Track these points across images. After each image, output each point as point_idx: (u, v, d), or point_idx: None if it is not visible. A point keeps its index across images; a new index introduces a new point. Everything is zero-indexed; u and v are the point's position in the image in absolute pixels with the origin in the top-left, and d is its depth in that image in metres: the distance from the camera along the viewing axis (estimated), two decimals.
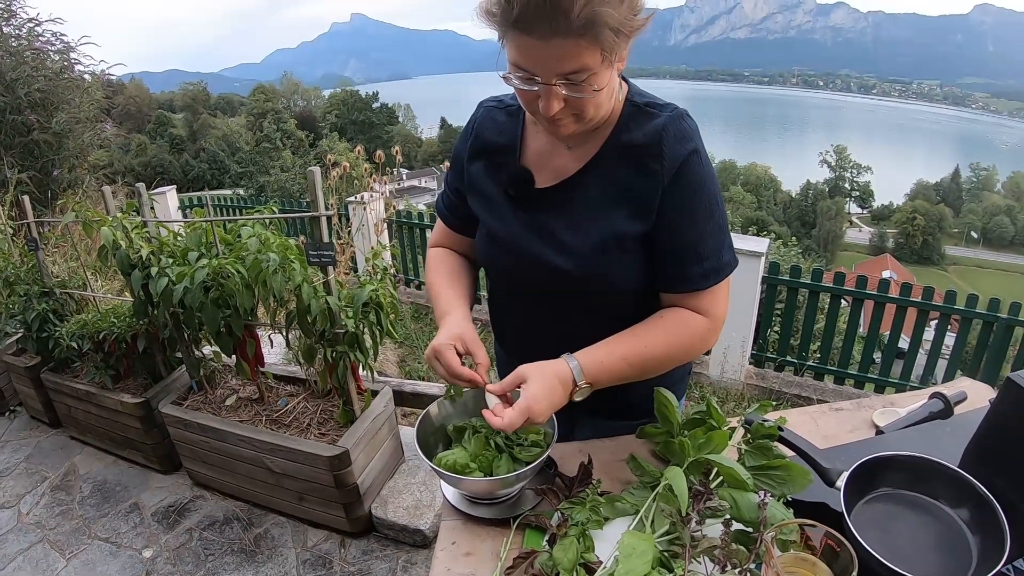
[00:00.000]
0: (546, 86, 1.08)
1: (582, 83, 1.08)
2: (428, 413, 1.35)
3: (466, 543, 1.21)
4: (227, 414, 3.05)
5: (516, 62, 1.08)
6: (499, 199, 1.37)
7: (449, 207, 1.53)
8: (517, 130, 1.37)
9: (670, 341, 1.28)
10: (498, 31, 1.08)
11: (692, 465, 1.19)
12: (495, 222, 1.38)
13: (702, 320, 1.30)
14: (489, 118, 1.41)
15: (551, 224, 1.31)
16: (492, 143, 1.39)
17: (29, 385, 3.84)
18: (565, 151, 1.31)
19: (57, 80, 5.92)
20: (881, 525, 1.07)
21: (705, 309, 1.30)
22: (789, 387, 5.17)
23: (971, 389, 1.56)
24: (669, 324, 1.29)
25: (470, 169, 1.42)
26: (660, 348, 1.27)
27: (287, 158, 56.57)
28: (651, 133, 1.22)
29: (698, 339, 1.31)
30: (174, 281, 2.61)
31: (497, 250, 1.39)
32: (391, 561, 2.85)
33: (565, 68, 1.05)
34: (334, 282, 2.63)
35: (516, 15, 1.01)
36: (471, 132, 1.43)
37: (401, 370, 5.41)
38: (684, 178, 1.21)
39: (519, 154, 1.36)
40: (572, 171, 1.30)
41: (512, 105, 1.40)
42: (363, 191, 6.53)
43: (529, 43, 1.04)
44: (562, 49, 1.02)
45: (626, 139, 1.25)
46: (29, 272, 3.71)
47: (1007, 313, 4.53)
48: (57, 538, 3.09)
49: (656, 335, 1.28)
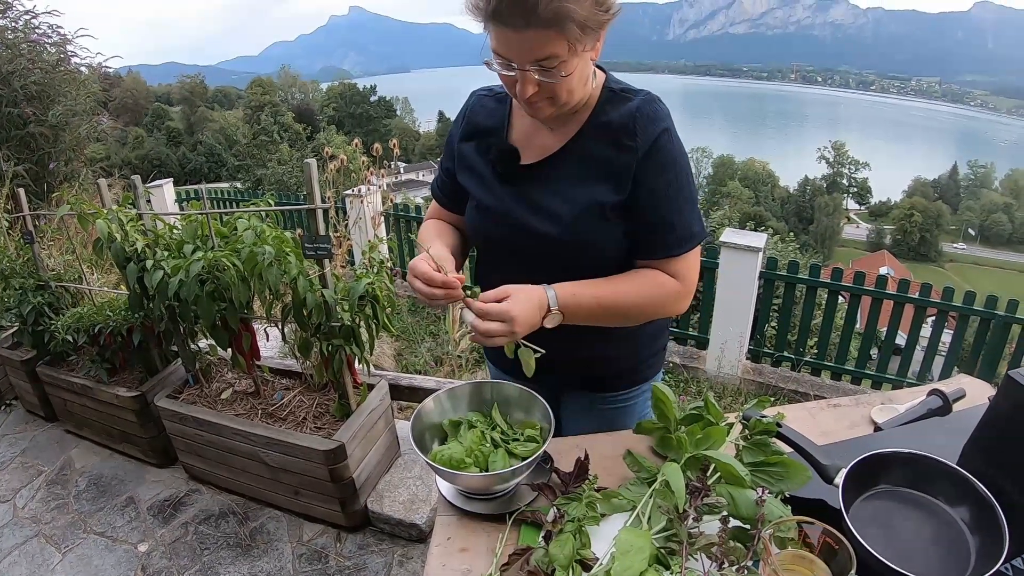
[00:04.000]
0: (521, 71, 1.23)
1: (552, 69, 1.21)
2: (424, 408, 1.35)
3: (461, 539, 1.21)
4: (223, 408, 3.04)
5: (496, 50, 1.23)
6: (488, 175, 1.51)
7: (441, 187, 1.68)
8: (504, 113, 1.53)
9: (641, 293, 1.41)
10: (482, 22, 1.21)
11: (689, 461, 1.19)
12: (485, 195, 1.51)
13: (674, 283, 1.43)
14: (480, 104, 1.57)
15: (536, 195, 1.44)
16: (482, 126, 1.55)
17: (25, 379, 3.82)
18: (548, 132, 1.45)
19: (53, 73, 5.88)
20: (880, 522, 1.07)
21: (677, 273, 1.43)
22: (786, 383, 5.17)
23: (970, 386, 1.56)
24: (642, 279, 1.42)
25: (462, 149, 1.57)
26: (631, 297, 1.41)
27: (284, 151, 56.41)
28: (626, 114, 1.37)
29: (670, 299, 1.44)
30: (169, 274, 2.60)
31: (487, 220, 1.52)
32: (387, 555, 2.85)
33: (536, 56, 1.20)
34: (330, 275, 2.61)
35: (493, 9, 1.16)
36: (463, 117, 1.59)
37: (398, 364, 5.40)
38: (657, 154, 1.35)
39: (506, 134, 1.51)
40: (554, 149, 1.43)
41: (501, 92, 1.54)
42: (360, 184, 6.51)
43: (505, 33, 1.18)
44: (533, 39, 1.17)
45: (603, 120, 1.39)
46: (24, 265, 3.68)
47: (1004, 310, 4.54)
48: (53, 532, 3.08)
49: (629, 286, 1.41)
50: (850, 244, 74.02)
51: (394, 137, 6.87)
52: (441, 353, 5.53)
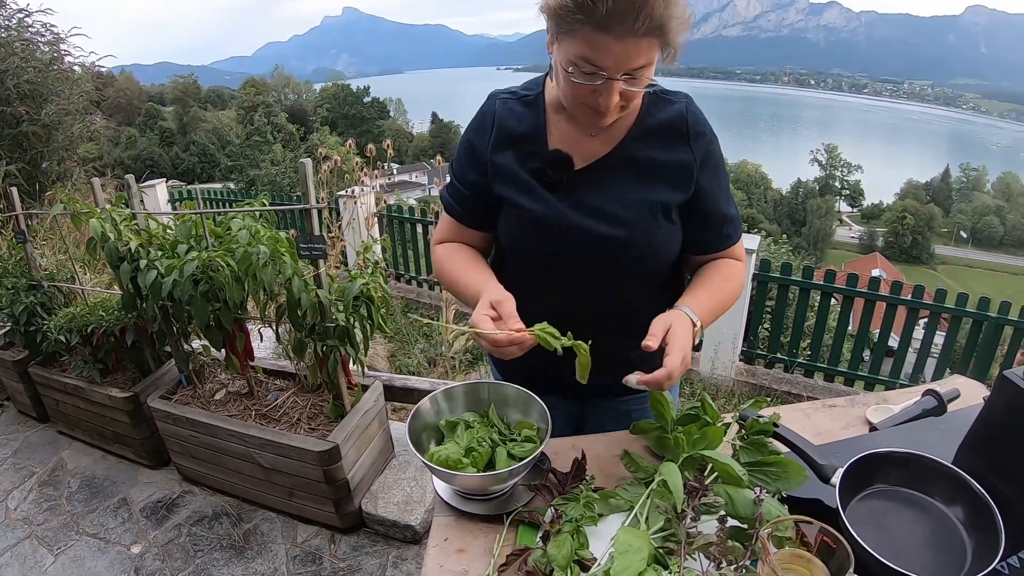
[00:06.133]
0: (611, 80, 1.18)
1: (640, 78, 1.19)
2: (421, 408, 1.35)
3: (459, 539, 1.20)
4: (216, 408, 3.03)
5: (586, 57, 1.16)
6: (534, 184, 1.42)
7: (461, 202, 1.54)
8: (539, 118, 1.43)
9: (730, 285, 1.47)
10: (566, 27, 1.15)
11: (687, 461, 1.19)
12: (536, 205, 1.41)
13: (741, 266, 1.53)
14: (507, 109, 1.45)
15: (593, 201, 1.39)
16: (516, 132, 1.43)
17: (17, 379, 3.80)
18: (589, 136, 1.40)
19: (47, 71, 5.87)
20: (876, 522, 1.07)
21: (740, 255, 1.53)
22: (779, 384, 5.18)
23: (964, 386, 1.56)
24: (722, 270, 1.49)
25: (497, 160, 1.44)
26: (725, 292, 1.46)
27: (278, 152, 56.35)
28: (675, 116, 1.38)
29: (741, 283, 1.51)
30: (163, 274, 2.58)
31: (538, 232, 1.42)
32: (382, 557, 2.84)
33: (633, 64, 1.16)
34: (325, 276, 2.61)
35: (601, 14, 1.09)
36: (492, 124, 1.45)
37: (392, 365, 5.39)
38: (711, 154, 1.41)
39: (545, 140, 1.42)
40: (601, 153, 1.40)
41: (527, 95, 1.46)
42: (354, 185, 6.50)
43: (606, 41, 1.12)
44: (635, 48, 1.13)
45: (651, 122, 1.39)
46: (17, 265, 3.66)
47: (997, 312, 4.56)
48: (45, 534, 3.07)
49: (719, 281, 1.46)
50: (842, 246, 74.25)
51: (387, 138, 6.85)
52: (435, 354, 5.53)
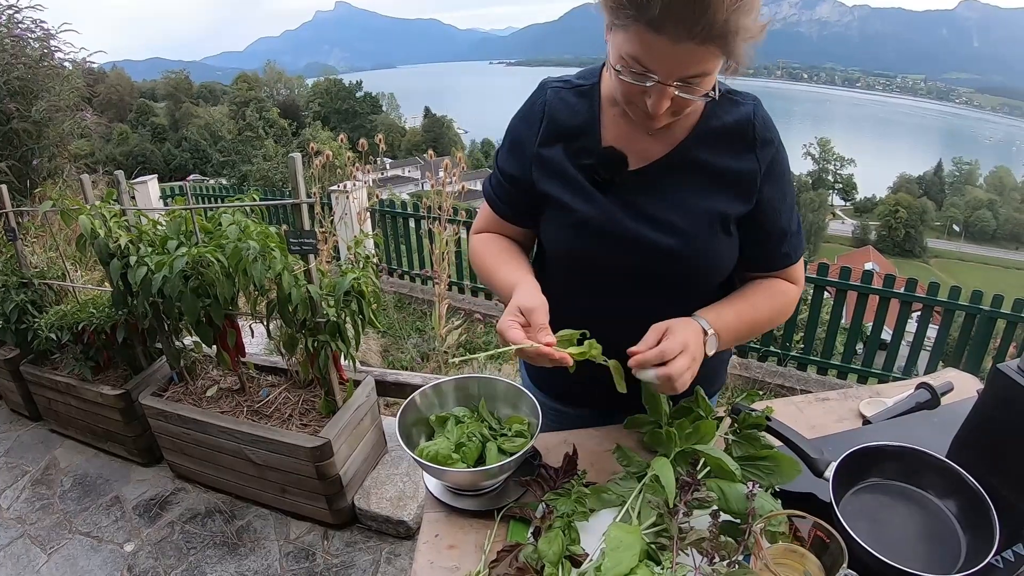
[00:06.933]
0: (661, 85, 1.06)
1: (696, 86, 1.07)
2: (410, 403, 1.34)
3: (449, 536, 1.20)
4: (208, 405, 3.02)
5: (636, 57, 1.05)
6: (583, 182, 1.30)
7: (501, 196, 1.45)
8: (593, 111, 1.31)
9: (773, 305, 1.37)
10: (619, 21, 1.04)
11: (679, 455, 1.18)
12: (584, 205, 1.29)
13: (795, 288, 1.40)
14: (559, 99, 1.33)
15: (646, 205, 1.27)
16: (568, 126, 1.31)
17: (8, 378, 3.79)
18: (646, 135, 1.26)
19: (37, 68, 5.82)
20: (870, 516, 1.07)
21: (796, 278, 1.40)
22: (772, 377, 5.18)
23: (957, 380, 1.56)
24: (769, 289, 1.37)
25: (544, 154, 1.33)
26: (765, 312, 1.36)
27: (270, 147, 56.24)
28: (742, 120, 1.25)
29: (791, 305, 1.40)
30: (153, 270, 2.57)
31: (584, 234, 1.31)
32: (374, 552, 2.83)
33: (688, 72, 1.05)
34: (315, 271, 2.60)
35: (655, 13, 0.97)
36: (542, 115, 1.33)
37: (384, 360, 5.38)
38: (776, 164, 1.28)
39: (598, 136, 1.31)
40: (659, 154, 1.27)
41: (582, 84, 1.33)
42: (346, 180, 6.48)
43: (658, 42, 1.01)
44: (691, 54, 1.01)
45: (716, 125, 1.25)
46: (7, 263, 3.64)
47: (989, 305, 4.57)
48: (38, 533, 3.05)
49: (761, 299, 1.36)
50: (835, 240, 74.39)
51: (380, 133, 6.83)
52: (427, 349, 5.51)
